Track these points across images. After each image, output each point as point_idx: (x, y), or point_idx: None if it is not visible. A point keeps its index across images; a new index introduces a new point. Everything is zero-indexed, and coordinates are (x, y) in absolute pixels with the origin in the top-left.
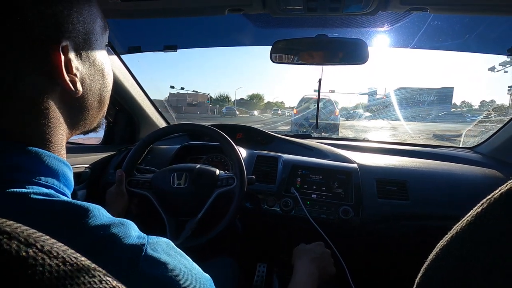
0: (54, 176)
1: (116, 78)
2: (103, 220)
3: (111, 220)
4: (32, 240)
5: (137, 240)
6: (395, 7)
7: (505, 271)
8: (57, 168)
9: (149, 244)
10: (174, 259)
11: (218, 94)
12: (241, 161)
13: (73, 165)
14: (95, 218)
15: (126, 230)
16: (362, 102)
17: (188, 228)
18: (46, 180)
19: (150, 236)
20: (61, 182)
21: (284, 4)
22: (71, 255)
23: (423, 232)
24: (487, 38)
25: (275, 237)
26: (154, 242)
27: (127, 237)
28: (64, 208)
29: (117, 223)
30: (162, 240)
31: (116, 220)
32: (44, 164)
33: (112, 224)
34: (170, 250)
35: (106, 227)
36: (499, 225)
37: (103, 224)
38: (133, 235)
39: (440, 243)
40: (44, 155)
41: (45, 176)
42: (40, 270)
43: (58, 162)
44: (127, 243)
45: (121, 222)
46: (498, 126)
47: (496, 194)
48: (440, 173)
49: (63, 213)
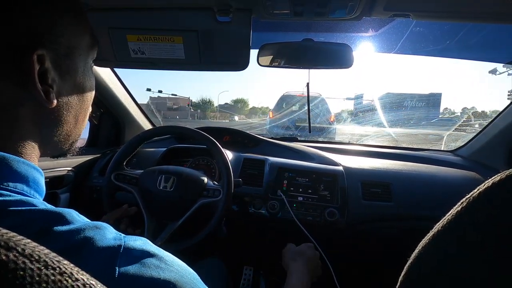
0: (23, 181)
1: (101, 80)
2: (76, 225)
3: (84, 224)
4: (13, 243)
5: (113, 241)
6: (378, 13)
7: (486, 266)
8: (26, 173)
9: (126, 244)
10: (155, 256)
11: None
12: (228, 164)
13: (56, 168)
14: (67, 223)
15: (101, 232)
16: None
17: (166, 232)
18: (15, 186)
19: (127, 236)
20: (32, 188)
21: (271, 8)
22: (53, 258)
23: (407, 233)
24: (467, 44)
25: (262, 239)
26: (131, 242)
27: (102, 239)
28: (36, 215)
29: (91, 226)
30: (140, 239)
31: (91, 224)
32: (11, 169)
33: (86, 228)
34: (149, 248)
35: (80, 231)
36: (478, 223)
37: (76, 228)
38: (108, 237)
39: (422, 241)
40: (12, 160)
41: (13, 182)
42: (21, 274)
43: (27, 167)
44: (102, 246)
45: (96, 226)
46: (478, 130)
47: (475, 193)
48: (422, 175)
49: (32, 220)
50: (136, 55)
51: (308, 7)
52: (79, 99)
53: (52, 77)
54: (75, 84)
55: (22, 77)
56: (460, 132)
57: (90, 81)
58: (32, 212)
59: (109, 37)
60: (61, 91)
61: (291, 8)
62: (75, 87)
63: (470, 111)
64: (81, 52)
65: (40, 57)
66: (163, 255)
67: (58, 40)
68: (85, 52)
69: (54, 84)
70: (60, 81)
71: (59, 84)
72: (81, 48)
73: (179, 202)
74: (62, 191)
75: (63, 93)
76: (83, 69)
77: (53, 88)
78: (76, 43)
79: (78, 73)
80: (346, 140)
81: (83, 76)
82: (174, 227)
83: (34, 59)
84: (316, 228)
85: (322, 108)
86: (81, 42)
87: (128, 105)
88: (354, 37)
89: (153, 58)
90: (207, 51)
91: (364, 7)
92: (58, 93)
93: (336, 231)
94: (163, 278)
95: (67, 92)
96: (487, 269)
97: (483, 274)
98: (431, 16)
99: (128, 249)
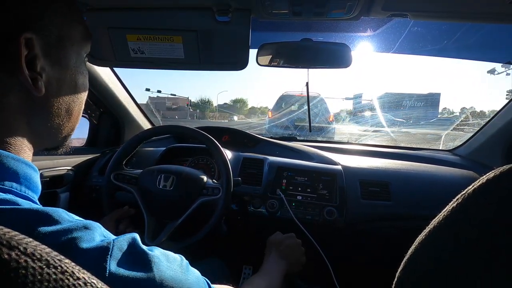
0: (13, 178)
1: (101, 79)
2: (64, 225)
3: (73, 224)
4: (15, 242)
5: (102, 242)
6: (377, 13)
7: (481, 262)
8: (16, 169)
9: (115, 244)
10: (145, 254)
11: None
12: (227, 164)
13: (56, 167)
14: (54, 223)
15: (90, 233)
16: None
17: (166, 231)
18: (3, 184)
19: (117, 237)
20: (23, 185)
21: (270, 8)
22: (55, 257)
23: (406, 232)
24: (465, 44)
25: (261, 238)
26: (121, 242)
27: (91, 240)
28: (20, 215)
29: (80, 226)
30: (129, 239)
31: (80, 223)
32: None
33: (74, 228)
34: (139, 248)
35: (68, 232)
36: (473, 219)
37: (64, 228)
38: (97, 238)
39: (419, 237)
40: (0, 155)
41: (1, 180)
42: (23, 273)
43: (17, 162)
44: (91, 247)
45: (85, 225)
46: (476, 129)
47: (469, 189)
48: (421, 174)
49: (18, 220)
50: (136, 55)
51: (307, 7)
52: (71, 91)
53: (42, 65)
54: (67, 76)
55: (10, 63)
56: (458, 131)
57: (83, 74)
58: (15, 212)
59: (109, 36)
60: (51, 80)
61: (290, 8)
62: (67, 78)
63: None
64: (73, 42)
65: (29, 41)
66: (153, 254)
67: (48, 28)
68: (78, 43)
69: (44, 72)
70: (50, 70)
71: (49, 73)
72: (73, 39)
73: (178, 201)
74: (62, 191)
75: (53, 83)
76: (75, 61)
77: (41, 76)
78: (68, 32)
79: (70, 65)
80: (345, 140)
81: (76, 68)
82: (174, 226)
83: (22, 42)
84: (315, 227)
85: (321, 108)
86: (73, 32)
87: (128, 105)
88: (353, 37)
89: (153, 57)
90: (207, 50)
91: (363, 7)
92: (48, 82)
93: (335, 230)
94: (154, 277)
95: (58, 83)
96: (483, 265)
97: (479, 270)
98: (429, 16)
99: (118, 249)
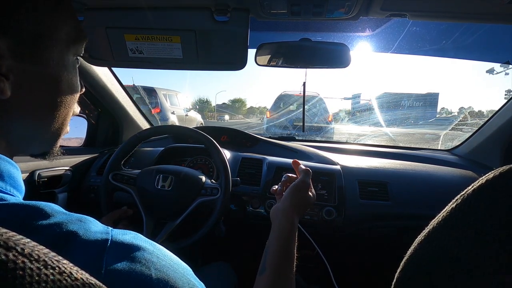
0: None
1: (99, 79)
2: (58, 218)
3: (67, 217)
4: (12, 243)
5: (100, 235)
6: (375, 13)
7: (481, 262)
8: (0, 167)
9: (113, 238)
10: (144, 250)
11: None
12: (226, 164)
13: (54, 167)
14: (46, 216)
15: (85, 226)
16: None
17: (165, 231)
18: None
19: (115, 230)
20: (7, 183)
21: (269, 7)
22: (53, 258)
23: (404, 232)
24: (464, 44)
25: (260, 238)
26: (120, 236)
27: (87, 233)
28: (11, 209)
29: (74, 219)
30: (130, 233)
31: (73, 217)
32: None
33: (69, 222)
34: (139, 242)
35: (62, 225)
36: (472, 219)
37: (57, 222)
38: (93, 230)
39: (418, 237)
40: None
41: None
42: (20, 274)
43: (0, 161)
44: (87, 240)
45: (79, 219)
46: (474, 129)
47: (469, 190)
48: (419, 174)
49: (10, 215)
50: (134, 55)
51: (306, 7)
52: (52, 93)
53: (9, 66)
54: (45, 77)
55: None
56: (456, 131)
57: (69, 76)
58: (5, 207)
59: (107, 36)
60: (23, 81)
61: (288, 8)
62: (45, 79)
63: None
64: (55, 43)
65: None
66: (154, 249)
67: (22, 27)
68: (63, 44)
69: (11, 74)
70: (22, 72)
71: (20, 75)
72: (55, 39)
73: (177, 201)
74: (60, 191)
75: (25, 84)
76: (57, 62)
77: (8, 77)
78: (49, 32)
79: (49, 66)
80: (344, 140)
81: (58, 69)
82: (172, 226)
83: None
84: (313, 226)
85: (320, 108)
86: (56, 32)
87: (126, 105)
88: (351, 37)
89: (151, 57)
90: (205, 50)
91: (361, 7)
92: (18, 83)
93: (334, 230)
94: (154, 273)
95: (33, 84)
96: (482, 265)
97: (478, 270)
98: (428, 16)
99: (116, 243)
